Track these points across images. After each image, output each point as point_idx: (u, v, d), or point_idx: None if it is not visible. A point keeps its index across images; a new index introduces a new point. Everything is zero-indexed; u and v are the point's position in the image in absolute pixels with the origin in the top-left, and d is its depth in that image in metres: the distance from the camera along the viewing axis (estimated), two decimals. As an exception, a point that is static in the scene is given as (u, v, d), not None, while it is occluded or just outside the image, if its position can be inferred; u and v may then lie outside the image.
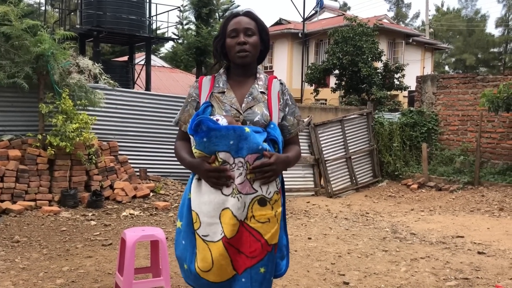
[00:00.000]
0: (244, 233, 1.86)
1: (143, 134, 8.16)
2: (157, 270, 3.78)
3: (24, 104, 6.93)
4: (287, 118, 2.10)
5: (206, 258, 1.86)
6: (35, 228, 5.56)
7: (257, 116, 1.97)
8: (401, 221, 6.94)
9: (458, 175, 9.52)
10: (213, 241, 1.86)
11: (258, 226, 1.87)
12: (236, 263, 1.87)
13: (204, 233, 1.88)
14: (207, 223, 1.87)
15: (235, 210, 1.84)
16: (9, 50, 6.51)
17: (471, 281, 4.17)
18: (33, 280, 3.87)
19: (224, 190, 1.86)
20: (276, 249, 1.95)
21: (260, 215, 1.87)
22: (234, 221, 1.84)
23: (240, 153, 1.84)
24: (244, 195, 1.85)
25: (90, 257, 4.60)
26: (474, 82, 10.37)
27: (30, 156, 6.51)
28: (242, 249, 1.86)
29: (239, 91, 2.03)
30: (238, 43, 1.97)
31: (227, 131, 1.83)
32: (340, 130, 9.93)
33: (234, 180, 1.85)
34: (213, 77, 2.08)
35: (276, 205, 1.93)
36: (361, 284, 4.05)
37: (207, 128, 1.83)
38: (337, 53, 17.17)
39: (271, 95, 2.05)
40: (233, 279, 1.88)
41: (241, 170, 1.84)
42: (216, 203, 1.86)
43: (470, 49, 41.27)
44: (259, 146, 1.85)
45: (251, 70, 2.07)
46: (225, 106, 1.98)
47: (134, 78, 17.83)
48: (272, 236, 1.90)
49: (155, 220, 6.31)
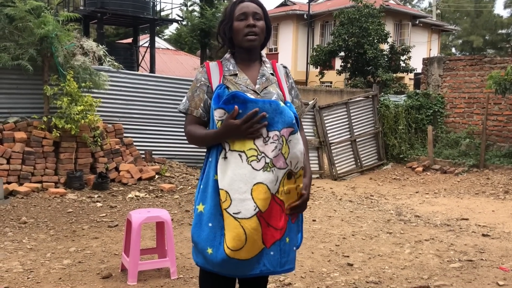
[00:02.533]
0: (274, 206, 1.87)
1: (148, 116, 8.15)
2: (163, 251, 3.82)
3: (29, 87, 6.93)
4: (294, 101, 2.13)
5: (239, 236, 1.83)
6: (41, 210, 5.62)
7: (274, 95, 1.99)
8: (406, 203, 6.95)
9: (463, 158, 9.49)
10: (246, 217, 1.83)
11: (284, 198, 1.91)
12: (265, 237, 1.87)
13: (235, 211, 1.84)
14: (239, 200, 1.83)
15: (269, 184, 1.84)
16: (13, 32, 6.48)
17: (475, 263, 4.18)
18: (41, 260, 3.93)
19: (255, 165, 1.84)
20: (293, 219, 1.98)
21: (287, 188, 1.91)
22: (268, 194, 1.84)
23: (275, 127, 1.84)
24: (278, 169, 1.86)
25: (96, 238, 4.64)
26: (481, 64, 10.26)
27: (36, 138, 6.54)
28: (271, 222, 1.87)
29: (250, 73, 2.05)
30: (247, 25, 1.99)
31: (263, 104, 1.84)
32: (345, 113, 9.89)
33: (267, 154, 1.84)
34: (219, 62, 2.08)
35: (299, 180, 1.95)
36: (365, 265, 4.08)
37: (243, 100, 1.83)
38: (342, 35, 17.02)
39: (279, 77, 2.09)
40: (261, 253, 1.88)
41: (276, 144, 1.84)
42: (247, 179, 1.83)
43: (478, 30, 40.73)
44: (293, 121, 1.87)
45: (256, 54, 2.10)
46: (241, 87, 1.98)
47: (138, 60, 17.78)
48: (289, 206, 1.94)
49: (161, 202, 6.35)
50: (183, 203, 6.33)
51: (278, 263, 1.92)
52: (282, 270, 1.94)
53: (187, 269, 3.83)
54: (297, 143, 1.90)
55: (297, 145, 1.90)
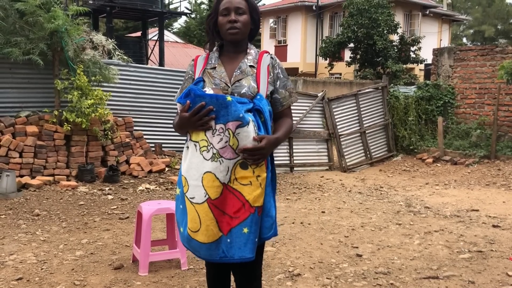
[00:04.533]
0: (228, 195, 2.00)
1: (157, 109, 8.20)
2: (173, 242, 3.87)
3: (40, 81, 7.00)
4: (278, 91, 2.21)
5: (195, 219, 2.01)
6: (54, 202, 5.70)
7: (244, 88, 2.09)
8: (416, 195, 6.93)
9: (474, 149, 9.42)
10: (198, 202, 2.00)
11: (239, 187, 2.00)
12: (222, 224, 2.00)
13: (191, 196, 2.02)
14: (193, 186, 2.01)
15: (217, 173, 1.98)
16: (23, 27, 6.54)
17: (485, 254, 4.18)
18: (54, 252, 3.99)
19: (205, 155, 1.99)
20: (260, 212, 2.04)
21: (242, 177, 2.00)
22: (217, 183, 1.98)
23: (221, 120, 1.97)
24: (227, 159, 1.98)
25: (108, 230, 4.71)
26: (492, 54, 10.13)
27: (47, 132, 6.62)
28: (226, 210, 2.00)
29: (230, 66, 2.15)
30: (229, 21, 2.09)
31: (210, 99, 1.97)
32: (354, 105, 9.84)
33: (214, 145, 1.98)
34: (207, 55, 2.21)
35: (258, 170, 2.03)
36: (374, 256, 4.09)
37: (194, 94, 1.98)
38: (352, 26, 16.90)
39: (260, 69, 2.15)
40: (220, 240, 2.02)
41: (221, 136, 1.97)
42: (198, 167, 2.00)
43: (489, 20, 40.15)
44: (239, 114, 1.96)
45: (242, 46, 2.19)
46: (215, 80, 2.12)
47: (147, 53, 17.83)
48: (255, 199, 2.01)
49: (171, 194, 6.41)
50: (193, 195, 6.38)
51: (236, 250, 2.01)
52: (237, 258, 2.02)
53: (197, 260, 3.87)
54: (248, 136, 1.98)
55: (248, 138, 1.98)
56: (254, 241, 2.04)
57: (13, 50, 6.27)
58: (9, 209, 5.30)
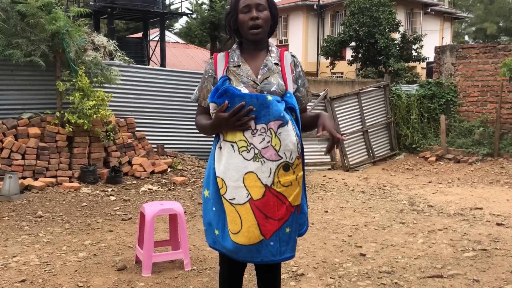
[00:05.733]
0: (271, 198, 1.95)
1: (159, 110, 8.19)
2: (176, 243, 3.86)
3: (41, 82, 7.00)
4: (300, 89, 2.20)
5: (235, 220, 1.96)
6: (56, 204, 5.70)
7: (273, 86, 2.05)
8: (419, 193, 6.91)
9: (477, 147, 9.39)
10: (240, 203, 1.95)
11: (283, 190, 1.96)
12: (264, 228, 1.95)
13: (230, 197, 1.96)
14: (233, 187, 1.95)
15: (259, 173, 1.93)
16: (25, 29, 6.54)
17: (489, 252, 4.16)
18: (57, 253, 3.99)
19: (245, 155, 1.94)
20: (299, 210, 2.05)
21: (285, 180, 1.96)
22: (259, 183, 1.93)
23: (262, 120, 1.92)
24: (268, 160, 1.94)
25: (111, 231, 4.70)
26: (495, 51, 10.10)
27: (49, 134, 6.62)
28: (269, 214, 1.95)
29: (254, 63, 2.11)
30: (251, 18, 2.04)
31: (250, 98, 1.92)
32: (356, 103, 9.83)
33: (256, 146, 1.93)
34: (227, 53, 2.16)
35: (297, 169, 2.01)
36: (378, 255, 4.07)
37: (232, 94, 1.92)
38: (353, 25, 16.87)
39: (284, 66, 2.13)
40: (261, 244, 1.97)
41: (263, 136, 1.93)
42: (238, 168, 1.94)
43: (491, 17, 40.02)
44: (281, 114, 1.93)
45: (262, 44, 2.15)
46: (242, 78, 2.06)
47: (149, 54, 17.84)
48: (295, 198, 2.00)
49: (173, 195, 6.40)
50: (196, 195, 6.38)
51: (278, 252, 2.00)
52: (281, 258, 2.02)
53: (201, 260, 3.87)
54: (288, 135, 1.95)
55: (288, 136, 1.95)
56: (295, 239, 2.05)
57: (14, 52, 6.28)
58: (12, 211, 5.30)
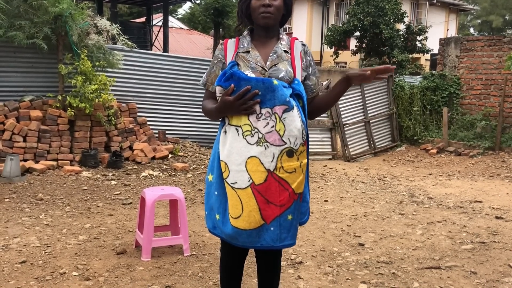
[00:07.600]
0: (273, 183, 1.94)
1: (161, 96, 8.17)
2: (176, 229, 3.88)
3: (44, 65, 6.98)
4: (310, 77, 2.20)
5: (236, 205, 1.96)
6: (57, 187, 5.71)
7: (281, 72, 2.06)
8: (419, 185, 6.92)
9: (478, 140, 9.37)
10: (241, 187, 1.95)
11: (286, 176, 1.96)
12: (265, 213, 1.95)
13: (232, 181, 1.96)
14: (235, 171, 1.95)
15: (262, 158, 1.93)
16: (27, 10, 6.50)
17: (488, 245, 4.17)
18: (57, 236, 4.01)
19: (249, 139, 1.94)
20: (301, 198, 2.05)
21: (288, 165, 1.96)
22: (262, 168, 1.93)
23: (267, 104, 1.92)
24: (272, 145, 1.93)
25: (111, 215, 4.72)
26: (500, 44, 10.03)
27: (51, 117, 6.62)
28: (271, 199, 1.95)
29: (263, 50, 2.12)
30: (263, 5, 2.04)
31: (256, 82, 1.91)
32: (359, 94, 9.79)
33: (260, 130, 1.93)
34: (237, 39, 2.17)
35: (302, 156, 2.01)
36: (377, 245, 4.09)
37: (238, 78, 1.91)
38: (358, 14, 16.71)
39: (294, 54, 2.13)
40: (261, 228, 1.97)
41: (268, 120, 1.93)
42: (241, 152, 1.94)
43: (497, 10, 39.69)
44: (286, 98, 1.92)
45: (273, 31, 2.16)
46: (251, 64, 2.07)
47: (151, 39, 17.74)
48: (298, 185, 2.00)
49: (174, 180, 6.41)
50: (196, 182, 6.39)
51: (278, 238, 2.00)
52: (281, 245, 2.02)
53: (200, 246, 3.89)
54: (293, 121, 1.95)
55: (293, 122, 1.95)
56: (296, 227, 2.05)
57: (17, 33, 6.24)
58: (13, 193, 5.33)
